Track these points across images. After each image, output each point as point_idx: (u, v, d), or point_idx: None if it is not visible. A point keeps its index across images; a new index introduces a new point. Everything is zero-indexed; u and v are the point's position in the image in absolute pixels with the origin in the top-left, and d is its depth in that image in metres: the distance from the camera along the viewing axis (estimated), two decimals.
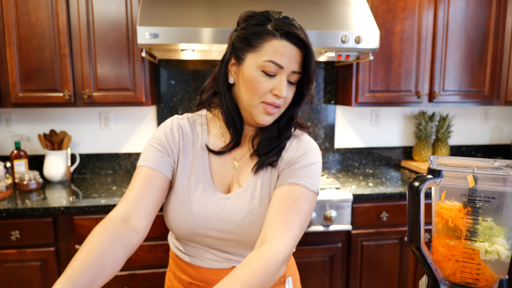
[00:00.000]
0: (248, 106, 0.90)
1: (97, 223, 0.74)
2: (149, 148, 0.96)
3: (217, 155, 0.97)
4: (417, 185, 0.60)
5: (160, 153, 0.95)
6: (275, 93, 0.86)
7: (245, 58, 0.88)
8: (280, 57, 0.84)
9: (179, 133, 0.98)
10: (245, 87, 0.88)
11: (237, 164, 0.96)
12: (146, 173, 0.92)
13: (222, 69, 0.93)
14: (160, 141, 0.96)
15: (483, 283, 0.65)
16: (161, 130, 0.98)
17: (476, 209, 0.63)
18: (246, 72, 0.87)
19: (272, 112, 0.89)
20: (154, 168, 0.92)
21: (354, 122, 2.73)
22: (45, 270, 1.86)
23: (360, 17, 2.06)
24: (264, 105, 0.88)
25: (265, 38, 0.85)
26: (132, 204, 0.86)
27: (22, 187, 2.10)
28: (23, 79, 2.01)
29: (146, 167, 0.92)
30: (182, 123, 1.00)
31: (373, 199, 2.09)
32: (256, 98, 0.87)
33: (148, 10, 1.90)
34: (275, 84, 0.86)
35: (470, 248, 0.64)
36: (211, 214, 0.92)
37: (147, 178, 0.91)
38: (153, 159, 0.94)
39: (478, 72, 2.45)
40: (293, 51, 0.86)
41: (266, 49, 0.85)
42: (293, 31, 0.84)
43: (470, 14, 2.38)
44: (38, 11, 1.98)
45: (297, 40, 0.85)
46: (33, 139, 2.41)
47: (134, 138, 2.50)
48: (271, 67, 0.85)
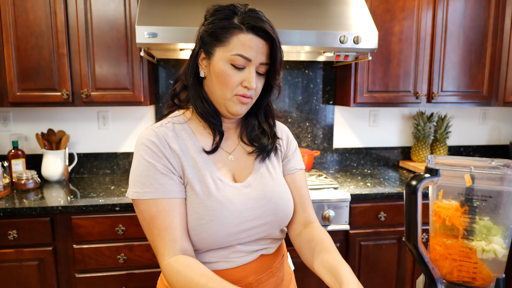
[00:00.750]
0: (221, 99, 0.92)
1: (95, 222, 0.73)
2: (150, 176, 0.87)
3: (213, 153, 0.95)
4: (414, 183, 0.60)
5: (164, 178, 0.88)
6: (245, 85, 0.89)
7: (214, 52, 0.90)
8: (248, 51, 0.87)
9: (167, 145, 0.90)
10: (217, 80, 0.90)
11: (232, 157, 0.98)
12: (164, 206, 0.86)
13: (191, 64, 0.94)
14: (158, 162, 0.88)
15: (480, 281, 0.65)
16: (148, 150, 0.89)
17: (473, 208, 0.63)
18: (216, 66, 0.89)
19: (245, 102, 0.91)
20: (170, 197, 0.87)
21: (352, 123, 2.73)
22: (43, 269, 1.86)
23: (358, 17, 2.06)
24: (238, 97, 0.90)
25: (232, 32, 0.87)
26: (176, 244, 0.86)
27: (19, 187, 2.09)
28: (21, 78, 2.01)
29: (161, 199, 0.86)
30: (162, 132, 0.91)
31: (371, 199, 2.09)
32: (229, 91, 0.90)
33: (146, 9, 1.90)
34: (245, 77, 0.89)
35: (467, 247, 0.64)
36: (241, 207, 0.91)
37: (169, 208, 0.86)
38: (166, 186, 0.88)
39: (477, 73, 2.45)
40: (260, 43, 0.88)
41: (233, 43, 0.87)
42: (259, 24, 0.86)
43: (469, 15, 2.38)
44: (36, 9, 1.98)
45: (263, 33, 0.87)
46: (31, 138, 2.41)
47: (133, 137, 2.50)
48: (240, 61, 0.87)
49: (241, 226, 0.91)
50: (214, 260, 0.93)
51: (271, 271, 0.99)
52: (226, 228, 0.89)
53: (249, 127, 1.00)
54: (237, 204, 0.90)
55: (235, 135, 1.01)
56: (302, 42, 1.93)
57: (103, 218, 1.86)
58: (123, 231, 1.88)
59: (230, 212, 0.89)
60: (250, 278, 0.95)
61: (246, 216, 0.91)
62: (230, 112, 0.92)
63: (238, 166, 0.97)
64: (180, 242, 0.85)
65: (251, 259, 0.95)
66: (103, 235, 1.87)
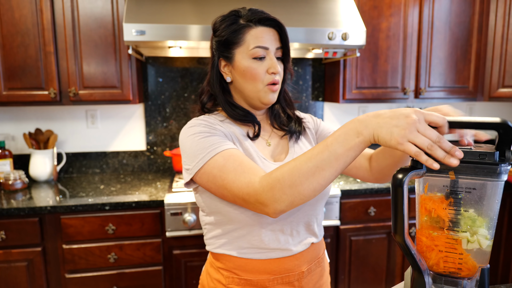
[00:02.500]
0: (254, 93, 0.99)
1: (84, 222, 0.72)
2: (207, 140, 0.90)
3: (254, 140, 1.02)
4: (400, 177, 0.61)
5: (224, 136, 0.94)
6: (271, 71, 0.96)
7: (233, 56, 0.97)
8: (262, 41, 0.95)
9: (217, 125, 0.97)
10: (244, 78, 0.97)
11: (269, 143, 1.05)
12: (230, 153, 0.88)
13: (214, 74, 1.02)
14: (211, 129, 0.93)
15: (465, 272, 0.66)
16: (199, 126, 0.94)
17: (458, 200, 0.65)
18: (240, 65, 0.97)
19: (275, 89, 0.99)
20: (232, 147, 0.90)
21: (342, 119, 2.75)
22: (32, 270, 1.84)
23: (346, 14, 2.07)
24: (269, 86, 0.98)
25: (244, 32, 0.96)
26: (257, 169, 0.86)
27: (7, 187, 2.07)
28: (7, 77, 1.98)
29: (225, 150, 0.88)
30: (209, 118, 0.99)
31: (361, 194, 2.11)
32: (259, 83, 0.97)
33: (134, 6, 1.88)
34: (268, 64, 0.96)
35: (452, 238, 0.65)
36: None
37: (235, 152, 0.88)
38: (224, 141, 0.91)
39: (463, 69, 2.49)
40: (270, 32, 0.97)
41: (248, 39, 0.95)
42: (263, 16, 0.96)
43: (455, 11, 2.41)
44: (22, 7, 1.95)
45: (269, 22, 0.97)
46: (18, 138, 2.38)
47: (122, 136, 2.48)
48: (260, 52, 0.95)
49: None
50: (272, 247, 0.96)
51: (318, 260, 1.06)
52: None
53: (276, 114, 1.09)
54: None
55: (267, 124, 1.09)
56: (291, 39, 1.94)
57: (93, 217, 1.85)
58: (113, 230, 1.87)
59: None
60: (303, 267, 1.01)
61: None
62: (264, 102, 0.99)
63: (275, 150, 1.05)
64: (260, 170, 0.86)
65: (303, 248, 1.00)
66: (93, 235, 1.86)
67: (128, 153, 2.50)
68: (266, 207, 0.80)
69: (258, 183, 0.81)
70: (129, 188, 2.10)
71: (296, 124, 1.09)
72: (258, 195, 0.80)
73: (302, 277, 1.00)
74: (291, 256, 0.98)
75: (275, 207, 0.79)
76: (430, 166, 0.61)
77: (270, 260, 0.97)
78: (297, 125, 1.09)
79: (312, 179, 0.74)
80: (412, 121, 0.63)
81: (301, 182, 0.75)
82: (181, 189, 2.01)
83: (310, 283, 1.02)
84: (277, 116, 1.10)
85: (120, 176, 2.41)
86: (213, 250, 1.02)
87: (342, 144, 0.71)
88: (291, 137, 1.07)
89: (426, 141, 0.61)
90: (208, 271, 1.05)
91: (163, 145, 2.52)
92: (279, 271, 0.97)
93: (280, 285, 0.97)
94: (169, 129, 2.51)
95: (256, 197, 0.81)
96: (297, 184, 0.75)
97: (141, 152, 2.51)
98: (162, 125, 2.50)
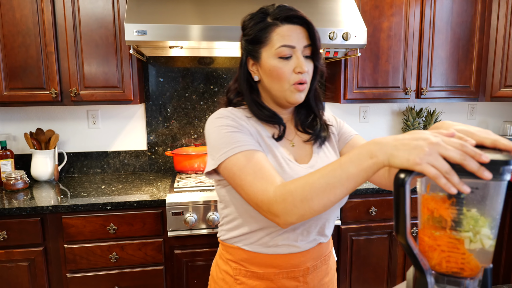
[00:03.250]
0: (281, 93, 0.97)
1: (86, 221, 0.72)
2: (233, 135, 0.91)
3: (278, 141, 1.01)
4: (402, 177, 0.61)
5: (249, 135, 0.94)
6: (297, 71, 0.94)
7: (260, 55, 0.97)
8: (288, 39, 0.93)
9: (243, 119, 0.97)
10: (271, 78, 0.96)
11: (293, 144, 1.04)
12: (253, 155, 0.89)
13: (242, 72, 1.02)
14: (238, 125, 0.94)
15: (468, 272, 0.66)
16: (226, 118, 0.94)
17: (460, 200, 0.64)
18: (266, 65, 0.96)
19: (302, 89, 0.97)
20: (256, 149, 0.90)
21: (343, 119, 2.75)
22: (34, 270, 1.84)
23: (347, 14, 2.07)
24: (295, 86, 0.96)
25: (270, 31, 0.94)
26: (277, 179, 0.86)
27: (8, 187, 2.07)
28: (8, 77, 1.98)
29: (248, 151, 0.89)
30: (235, 111, 0.99)
31: (362, 194, 2.11)
32: (286, 82, 0.95)
33: (135, 6, 1.88)
34: (295, 64, 0.94)
35: (455, 238, 0.65)
36: None
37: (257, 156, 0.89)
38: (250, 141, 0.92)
39: (464, 68, 2.48)
40: (297, 29, 0.94)
41: (274, 39, 0.94)
42: (289, 14, 0.93)
43: (456, 11, 2.41)
44: (23, 7, 1.95)
45: (296, 19, 0.94)
46: (19, 138, 2.38)
47: (123, 136, 2.48)
48: (285, 51, 0.93)
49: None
50: (281, 243, 0.97)
51: (324, 258, 1.07)
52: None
53: (301, 116, 1.07)
54: None
55: (292, 125, 1.07)
56: None
57: (94, 217, 1.85)
58: (115, 230, 1.87)
59: None
60: (308, 263, 1.02)
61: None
62: (290, 101, 0.98)
63: (299, 152, 1.04)
64: (278, 178, 0.86)
65: (311, 246, 1.02)
66: (94, 235, 1.86)
67: (129, 153, 2.50)
68: (277, 218, 0.82)
69: (273, 192, 0.82)
70: (130, 188, 2.10)
71: (323, 129, 1.07)
72: (270, 205, 0.82)
73: (307, 273, 1.01)
74: (298, 252, 1.00)
75: (286, 218, 0.81)
76: (447, 190, 0.59)
77: (277, 255, 0.99)
78: (324, 131, 1.07)
79: (323, 196, 0.76)
80: (432, 143, 0.61)
81: (312, 198, 0.76)
82: (183, 189, 2.01)
83: (315, 279, 1.03)
84: (302, 118, 1.07)
85: (121, 176, 2.41)
86: (224, 240, 1.05)
87: (355, 164, 0.72)
88: (315, 141, 1.05)
89: (445, 165, 0.60)
90: (218, 263, 1.08)
91: (164, 145, 2.52)
92: (285, 266, 0.99)
93: (285, 279, 0.99)
94: (170, 129, 2.51)
95: (269, 206, 0.82)
96: (308, 199, 0.77)
97: (142, 152, 2.51)
98: (163, 125, 2.50)
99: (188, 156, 2.30)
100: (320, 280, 1.05)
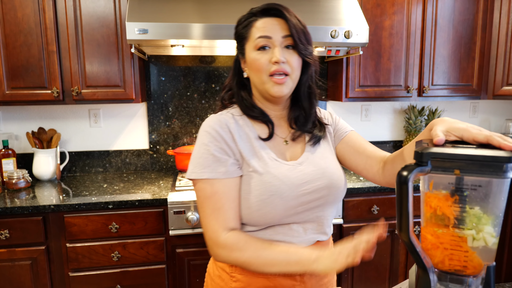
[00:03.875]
0: (260, 85, 0.98)
1: (88, 220, 0.73)
2: (208, 158, 0.94)
3: (269, 139, 1.02)
4: (405, 174, 0.61)
5: (220, 160, 0.94)
6: (273, 60, 0.93)
7: (245, 51, 0.99)
8: (264, 30, 0.94)
9: (228, 129, 0.98)
10: (252, 71, 0.98)
11: (287, 141, 1.04)
12: (218, 187, 0.93)
13: (233, 68, 1.05)
14: (216, 145, 0.95)
15: (471, 269, 0.66)
16: (208, 135, 0.96)
17: (463, 197, 0.64)
18: (248, 59, 0.98)
19: (281, 81, 0.95)
20: (224, 177, 0.93)
21: (344, 117, 2.74)
22: (36, 269, 1.84)
23: (349, 12, 2.07)
24: (272, 78, 0.95)
25: (250, 26, 0.97)
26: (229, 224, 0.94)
27: (10, 186, 2.07)
28: (10, 76, 1.98)
29: (216, 180, 0.93)
30: (223, 118, 0.99)
31: (364, 193, 2.11)
32: (263, 74, 0.95)
33: (136, 5, 1.88)
34: (271, 54, 0.95)
35: (458, 236, 0.65)
36: (298, 181, 0.97)
37: (222, 190, 0.93)
38: (218, 169, 0.93)
39: (466, 67, 2.47)
40: (274, 21, 0.95)
41: (253, 32, 0.96)
42: (266, 7, 0.96)
43: (458, 9, 2.40)
44: (24, 7, 1.95)
45: (273, 11, 0.95)
46: (21, 137, 2.38)
47: (125, 135, 2.48)
48: (261, 41, 0.95)
49: (299, 200, 0.96)
50: (275, 238, 0.98)
51: None
52: (287, 201, 0.94)
53: (295, 114, 1.06)
54: (294, 179, 0.96)
55: (285, 122, 1.07)
56: None
57: (96, 216, 1.85)
58: (117, 229, 1.87)
59: (288, 186, 0.95)
60: None
61: (303, 189, 0.97)
62: (271, 94, 0.97)
63: (292, 149, 1.04)
64: (233, 222, 0.94)
65: (307, 244, 1.01)
66: (96, 233, 1.86)
67: (131, 152, 2.50)
68: (214, 255, 0.95)
69: (223, 239, 0.92)
70: (132, 187, 2.10)
71: (317, 127, 1.07)
72: (215, 246, 0.93)
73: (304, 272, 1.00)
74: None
75: (221, 259, 0.95)
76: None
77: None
78: (318, 130, 1.07)
79: (263, 268, 0.91)
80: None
81: (253, 264, 0.91)
82: (184, 188, 2.01)
83: (313, 279, 1.02)
84: (295, 116, 1.06)
85: (123, 175, 2.42)
86: None
87: (299, 266, 0.88)
88: (310, 140, 1.05)
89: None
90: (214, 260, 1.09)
91: (166, 144, 2.52)
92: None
93: (282, 278, 0.98)
94: (171, 128, 2.51)
95: (213, 246, 0.94)
96: (249, 264, 0.91)
97: (144, 151, 2.51)
98: (165, 124, 2.50)
99: (189, 155, 2.30)
100: (318, 280, 1.04)
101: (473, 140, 0.66)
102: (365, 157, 1.06)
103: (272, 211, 0.94)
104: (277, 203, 0.94)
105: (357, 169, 1.08)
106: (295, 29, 0.94)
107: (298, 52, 0.96)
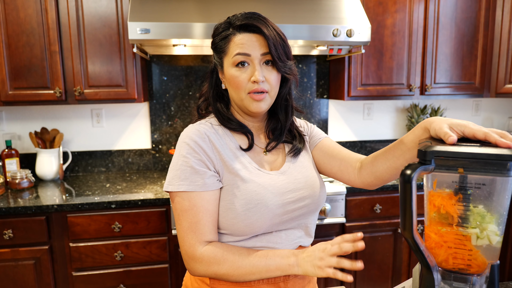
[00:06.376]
0: (239, 101, 0.97)
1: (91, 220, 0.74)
2: (187, 170, 0.92)
3: (249, 150, 1.01)
4: (409, 173, 0.61)
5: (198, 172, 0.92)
6: (252, 80, 0.92)
7: (223, 64, 0.97)
8: (243, 47, 0.92)
9: (208, 139, 0.95)
10: (230, 86, 0.97)
11: (267, 152, 1.04)
12: (196, 201, 0.91)
13: (210, 79, 1.04)
14: (195, 157, 0.92)
15: (475, 268, 0.66)
16: (187, 146, 0.94)
17: (467, 196, 0.64)
18: (227, 74, 0.96)
19: (259, 98, 0.94)
20: (202, 190, 0.91)
21: (347, 116, 2.74)
22: (39, 268, 1.85)
23: (351, 11, 2.06)
24: (250, 95, 0.94)
25: (229, 40, 0.94)
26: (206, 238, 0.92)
27: (14, 186, 2.08)
28: (13, 76, 1.99)
29: (193, 193, 0.91)
30: (203, 128, 0.97)
31: (366, 191, 2.11)
32: (242, 91, 0.95)
33: (138, 5, 1.88)
34: (250, 72, 0.93)
35: (461, 235, 0.65)
36: (282, 190, 0.97)
37: (200, 204, 0.91)
38: (196, 181, 0.91)
39: (469, 65, 2.46)
40: (253, 37, 0.93)
41: (231, 48, 0.94)
42: (245, 22, 0.92)
43: (460, 7, 2.39)
44: (27, 7, 1.95)
45: (252, 28, 0.92)
46: (24, 137, 2.39)
47: (127, 135, 2.49)
48: (240, 58, 0.93)
49: (284, 208, 0.96)
50: (258, 245, 0.97)
51: None
52: (272, 209, 0.94)
53: (272, 125, 1.06)
54: (279, 188, 0.97)
55: (263, 133, 1.07)
56: (295, 36, 1.93)
57: (99, 215, 1.86)
58: (120, 229, 1.87)
59: (274, 194, 0.95)
60: None
61: (288, 198, 0.97)
62: (251, 111, 0.97)
63: (271, 159, 1.04)
64: (210, 236, 0.92)
65: (291, 248, 1.00)
66: (99, 233, 1.87)
67: (133, 152, 2.50)
68: (191, 270, 0.92)
69: (199, 253, 0.90)
70: (135, 187, 2.11)
71: (295, 138, 1.08)
72: (192, 260, 0.91)
73: (288, 279, 0.98)
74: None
75: (199, 274, 0.92)
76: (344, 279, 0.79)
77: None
78: (299, 142, 1.07)
79: (244, 277, 0.90)
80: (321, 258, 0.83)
81: (233, 276, 0.90)
82: None
83: (296, 285, 1.00)
84: (271, 127, 1.06)
85: (125, 175, 2.42)
86: None
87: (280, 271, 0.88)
88: (290, 151, 1.05)
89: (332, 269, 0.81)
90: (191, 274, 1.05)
91: (168, 144, 2.52)
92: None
93: (265, 285, 0.95)
94: (174, 128, 2.51)
95: (189, 261, 0.91)
96: (229, 275, 0.90)
97: (146, 151, 2.51)
98: (167, 124, 2.50)
99: None
100: (302, 287, 1.02)
101: (473, 136, 0.67)
102: (339, 160, 1.06)
103: (259, 220, 0.92)
104: (263, 212, 0.92)
105: (331, 172, 1.08)
106: (274, 46, 0.92)
107: (277, 69, 0.95)
